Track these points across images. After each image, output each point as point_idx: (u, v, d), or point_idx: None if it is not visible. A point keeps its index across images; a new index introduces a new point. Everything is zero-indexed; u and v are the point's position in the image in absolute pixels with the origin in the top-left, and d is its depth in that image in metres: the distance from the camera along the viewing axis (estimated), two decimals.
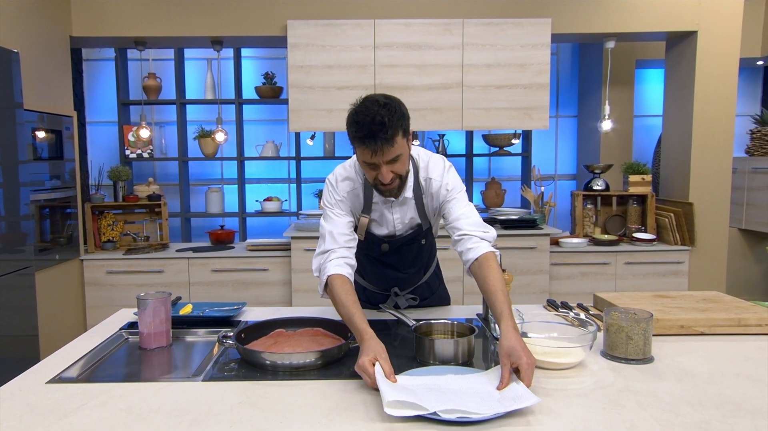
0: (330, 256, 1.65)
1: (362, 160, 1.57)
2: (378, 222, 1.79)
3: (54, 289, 3.39)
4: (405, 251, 1.86)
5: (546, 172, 5.28)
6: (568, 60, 5.36)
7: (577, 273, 3.97)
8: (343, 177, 1.76)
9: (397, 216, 1.78)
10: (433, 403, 1.18)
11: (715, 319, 1.71)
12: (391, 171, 1.56)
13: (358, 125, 1.50)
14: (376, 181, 1.61)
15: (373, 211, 1.76)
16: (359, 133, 1.50)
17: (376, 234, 1.81)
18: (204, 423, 1.17)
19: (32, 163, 3.20)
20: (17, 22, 3.11)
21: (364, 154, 1.53)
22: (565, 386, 1.35)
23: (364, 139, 1.49)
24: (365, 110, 1.50)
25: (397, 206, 1.77)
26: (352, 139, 1.55)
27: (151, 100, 4.48)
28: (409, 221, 1.80)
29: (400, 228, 1.81)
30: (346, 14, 3.75)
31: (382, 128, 1.47)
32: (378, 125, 1.47)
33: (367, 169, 1.59)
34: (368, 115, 1.48)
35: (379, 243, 1.82)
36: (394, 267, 1.92)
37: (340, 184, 1.74)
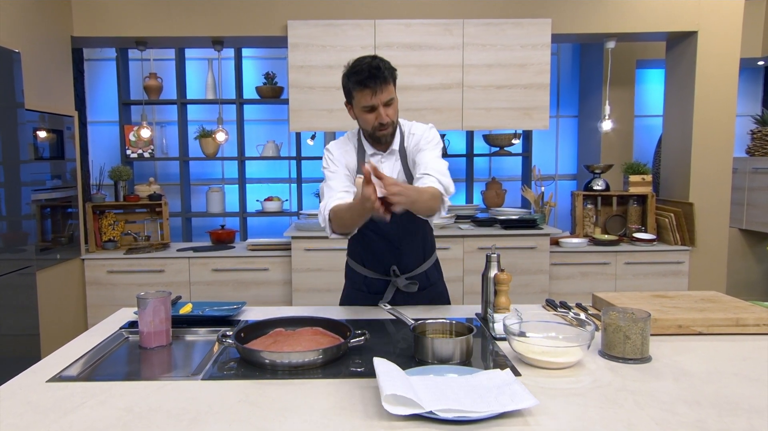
0: (327, 203, 1.85)
1: (362, 105, 1.81)
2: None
3: (55, 289, 3.40)
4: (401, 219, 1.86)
5: (547, 172, 5.29)
6: (569, 60, 5.37)
7: (577, 273, 3.97)
8: (336, 145, 1.98)
9: (386, 171, 1.91)
10: (431, 402, 1.19)
11: (713, 319, 1.71)
12: (387, 114, 1.81)
13: (358, 71, 1.75)
14: (374, 127, 1.84)
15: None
16: (360, 76, 1.75)
17: None
18: (203, 422, 1.18)
19: (33, 163, 3.21)
20: (18, 22, 3.12)
21: (365, 96, 1.78)
22: (563, 385, 1.36)
23: (365, 80, 1.75)
24: (362, 60, 1.79)
25: (384, 161, 1.95)
26: (354, 85, 1.78)
27: (152, 100, 4.49)
28: (399, 176, 1.94)
29: None
30: (346, 14, 3.76)
31: (379, 71, 1.75)
32: (376, 68, 1.75)
33: (365, 114, 1.83)
34: (366, 62, 1.77)
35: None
36: (390, 241, 1.98)
37: (334, 150, 1.96)
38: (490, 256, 1.86)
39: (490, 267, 1.87)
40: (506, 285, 1.80)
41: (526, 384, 1.35)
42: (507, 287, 1.80)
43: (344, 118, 3.78)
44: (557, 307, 2.00)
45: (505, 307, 1.81)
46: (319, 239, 3.70)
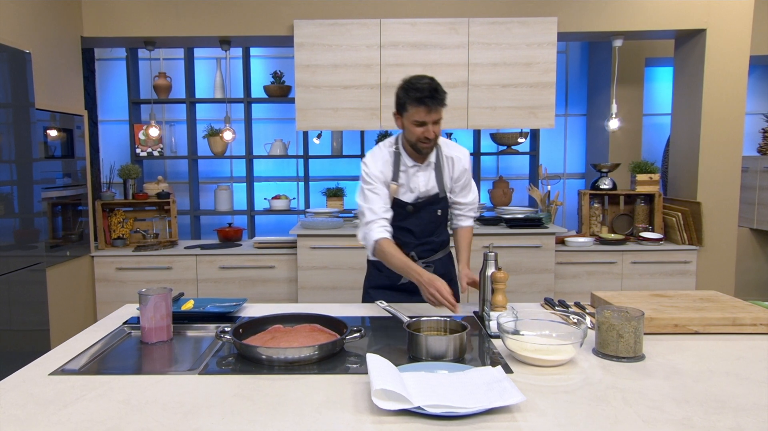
0: (372, 226, 2.05)
1: (414, 119, 1.97)
2: (405, 188, 2.15)
3: (65, 285, 3.46)
4: (424, 215, 2.18)
5: (555, 171, 5.28)
6: (578, 58, 5.35)
7: (583, 272, 3.96)
8: (377, 157, 2.13)
9: (421, 180, 2.14)
10: (420, 398, 1.21)
11: (710, 318, 1.72)
12: (434, 132, 2.00)
13: (419, 89, 1.92)
14: (419, 139, 2.01)
15: (401, 178, 2.13)
16: (421, 94, 1.92)
17: (403, 200, 2.15)
18: (197, 415, 1.21)
19: (44, 162, 3.27)
20: (29, 23, 3.18)
21: (420, 113, 1.95)
22: (554, 383, 1.37)
23: (424, 99, 1.92)
24: (421, 79, 1.95)
25: (420, 172, 2.14)
26: (412, 101, 1.94)
27: (162, 99, 4.54)
28: (430, 187, 2.16)
29: (423, 191, 2.16)
30: (352, 14, 3.78)
31: (437, 92, 1.93)
32: (435, 90, 1.93)
33: (414, 127, 1.99)
34: (426, 82, 1.94)
35: (404, 206, 2.16)
36: (413, 234, 2.19)
37: (375, 162, 2.11)
38: (487, 255, 1.88)
39: (487, 266, 1.89)
40: (503, 283, 1.81)
41: (518, 381, 1.37)
42: (504, 285, 1.81)
43: (350, 117, 3.81)
44: (555, 306, 2.01)
45: (502, 305, 1.82)
46: (325, 237, 3.73)
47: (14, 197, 3.00)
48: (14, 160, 2.99)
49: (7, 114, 2.93)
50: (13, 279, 2.91)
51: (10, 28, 3.00)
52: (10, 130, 2.94)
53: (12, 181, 2.97)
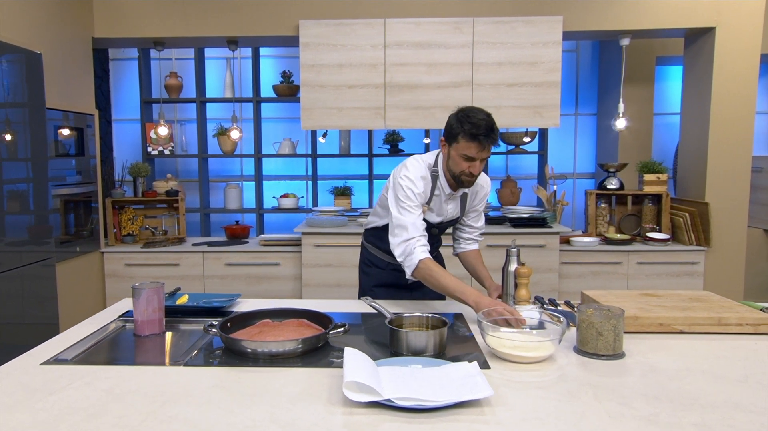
0: (414, 244, 1.94)
1: (464, 153, 1.90)
2: (434, 212, 2.13)
3: (74, 280, 3.55)
4: (438, 236, 2.26)
5: (565, 171, 5.25)
6: (588, 57, 5.31)
7: (588, 272, 3.95)
8: (420, 175, 2.03)
9: (450, 207, 2.15)
10: (391, 390, 1.24)
11: (695, 318, 1.71)
12: (479, 167, 1.94)
13: (476, 125, 1.84)
14: (464, 173, 1.96)
15: (433, 202, 2.11)
16: (477, 131, 1.84)
17: (430, 221, 2.13)
18: (175, 404, 1.25)
19: (55, 159, 3.36)
20: (41, 24, 3.27)
21: (471, 148, 1.88)
22: (529, 379, 1.38)
23: (479, 136, 1.85)
24: (478, 114, 1.87)
25: (451, 200, 2.13)
26: (466, 135, 1.87)
27: (173, 99, 4.63)
28: (454, 212, 2.18)
29: (449, 217, 2.18)
30: (356, 14, 3.81)
31: (493, 132, 1.87)
32: (491, 129, 1.86)
33: (461, 161, 1.93)
34: (483, 118, 1.86)
35: (429, 228, 2.12)
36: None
37: (419, 181, 2.02)
38: (510, 250, 1.95)
39: (510, 262, 1.94)
40: (527, 278, 1.86)
41: (493, 376, 1.39)
42: (527, 280, 1.86)
43: (354, 117, 3.84)
44: (544, 304, 2.02)
45: (526, 299, 1.86)
46: (329, 235, 3.77)
47: (26, 194, 3.09)
48: (26, 158, 3.08)
49: (20, 113, 3.02)
50: (24, 273, 3.01)
51: (22, 30, 3.10)
52: (22, 129, 3.03)
53: (24, 178, 3.06)
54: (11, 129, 2.95)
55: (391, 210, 2.01)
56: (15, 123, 2.99)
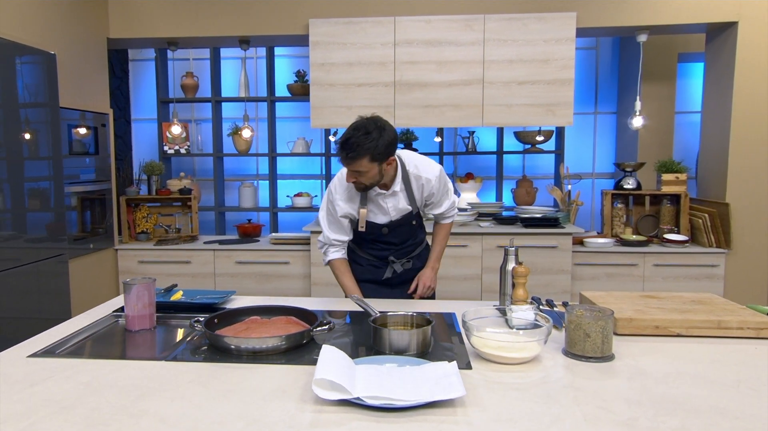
0: (328, 248, 2.25)
1: None
2: (375, 212, 2.18)
3: (88, 276, 3.61)
4: (400, 231, 2.26)
5: (584, 171, 5.16)
6: (608, 54, 5.20)
7: (602, 274, 3.86)
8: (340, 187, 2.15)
9: (390, 205, 2.17)
10: (363, 389, 1.22)
11: (693, 321, 1.65)
12: (354, 177, 2.00)
13: (339, 139, 1.96)
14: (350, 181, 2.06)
15: (370, 203, 2.16)
16: (337, 144, 1.98)
17: (376, 222, 2.20)
18: (148, 398, 1.25)
19: (70, 158, 3.44)
20: (55, 25, 3.35)
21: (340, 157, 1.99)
22: (510, 380, 1.35)
23: (338, 150, 1.97)
24: (349, 131, 1.95)
25: (388, 197, 2.16)
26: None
27: (188, 98, 4.69)
28: (402, 208, 2.19)
29: (394, 214, 2.19)
30: (366, 12, 3.80)
31: (343, 150, 1.93)
32: (348, 146, 1.91)
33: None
34: (346, 135, 1.94)
35: (379, 228, 2.21)
36: (393, 244, 2.28)
37: (343, 194, 2.14)
38: (507, 250, 1.92)
39: (508, 261, 1.91)
40: (524, 278, 1.82)
41: (473, 377, 1.36)
42: (525, 280, 1.82)
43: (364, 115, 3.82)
44: (540, 305, 1.97)
45: (523, 300, 1.82)
46: None
47: (41, 192, 3.16)
48: (41, 156, 3.15)
49: (35, 113, 3.10)
50: (39, 269, 3.08)
51: (37, 31, 3.17)
52: (37, 129, 3.10)
53: (39, 176, 3.13)
54: (26, 128, 3.02)
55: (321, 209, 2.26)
56: (30, 122, 3.06)
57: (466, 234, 3.75)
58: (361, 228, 2.16)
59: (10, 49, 2.92)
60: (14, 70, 2.94)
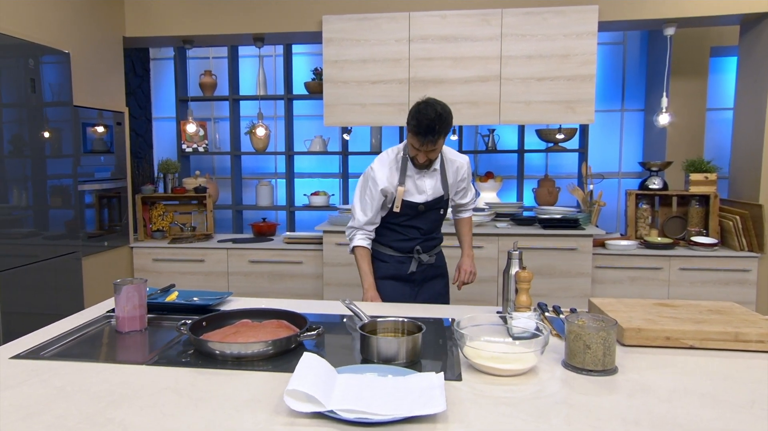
0: (355, 232, 2.34)
1: (410, 143, 2.18)
2: (413, 191, 2.31)
3: (102, 274, 3.63)
4: (430, 216, 2.37)
5: (610, 170, 4.99)
6: (636, 49, 5.01)
7: (625, 278, 3.71)
8: (383, 162, 2.30)
9: (428, 184, 2.32)
10: (338, 401, 1.15)
11: (708, 332, 1.53)
12: (426, 156, 2.19)
13: (418, 123, 2.07)
14: (412, 159, 2.23)
15: (407, 183, 2.29)
16: (417, 129, 2.08)
17: (414, 201, 2.32)
18: (118, 405, 1.21)
19: (85, 156, 3.46)
20: (70, 24, 3.37)
21: (415, 142, 2.14)
22: (500, 393, 1.26)
23: (418, 134, 2.09)
24: (426, 113, 2.06)
25: (426, 177, 2.32)
26: (410, 129, 2.12)
27: (206, 97, 4.69)
28: (437, 190, 2.34)
29: (431, 194, 2.33)
30: (380, 8, 3.73)
31: (432, 132, 2.07)
32: (431, 130, 2.07)
33: (412, 148, 2.19)
34: (429, 119, 2.05)
35: (416, 206, 2.32)
36: (420, 230, 2.37)
37: (382, 169, 2.28)
38: (511, 253, 1.83)
39: (511, 265, 1.83)
40: (527, 283, 1.73)
41: (462, 390, 1.28)
42: (528, 285, 1.73)
43: (377, 113, 3.76)
44: (546, 311, 1.87)
45: (526, 306, 1.74)
46: None
47: (56, 190, 3.19)
48: (56, 155, 3.18)
49: (50, 112, 3.12)
50: (53, 266, 3.11)
51: (51, 30, 3.19)
52: (52, 127, 3.13)
53: (53, 175, 3.16)
54: (39, 127, 3.05)
55: (354, 195, 2.36)
56: (45, 121, 3.09)
57: (483, 235, 3.65)
58: (396, 208, 2.28)
59: (26, 48, 2.94)
60: (29, 69, 2.96)
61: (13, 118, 2.91)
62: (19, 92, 2.92)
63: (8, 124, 2.87)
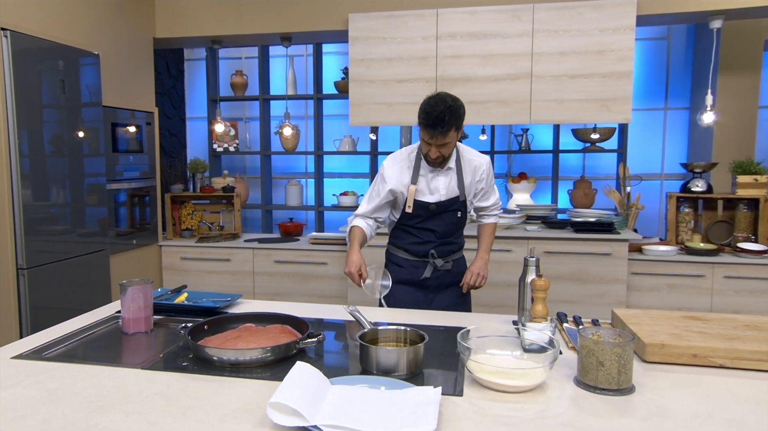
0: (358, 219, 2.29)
1: (422, 137, 2.11)
2: (424, 191, 2.22)
3: (130, 272, 3.68)
4: (446, 217, 2.26)
5: (652, 171, 4.77)
6: (682, 44, 4.77)
7: (664, 285, 3.52)
8: (395, 160, 2.26)
9: (442, 184, 2.22)
10: (324, 416, 1.09)
11: (740, 351, 1.40)
12: (438, 151, 2.10)
13: (427, 115, 2.03)
14: (425, 154, 2.16)
15: (420, 181, 2.22)
16: (426, 121, 2.04)
17: (425, 200, 2.23)
18: (106, 410, 1.18)
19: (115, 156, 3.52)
20: (101, 26, 3.42)
21: (425, 135, 2.08)
22: (502, 412, 1.18)
23: (428, 127, 2.04)
24: (435, 105, 2.02)
25: (441, 176, 2.23)
26: (420, 122, 2.07)
27: (236, 96, 4.72)
28: (452, 190, 2.24)
29: (444, 193, 2.23)
30: (407, 5, 3.65)
31: (442, 123, 2.01)
32: (440, 120, 2.01)
33: (424, 143, 2.13)
34: (439, 110, 2.01)
35: (427, 206, 2.23)
36: (435, 233, 2.26)
37: (393, 167, 2.24)
38: (527, 260, 1.74)
39: (527, 272, 1.74)
40: (543, 292, 1.64)
41: (461, 406, 1.20)
42: (544, 294, 1.65)
43: (403, 112, 3.69)
44: (565, 322, 1.77)
45: (542, 316, 1.65)
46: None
47: (85, 189, 3.25)
48: (86, 154, 3.24)
49: (79, 112, 3.18)
50: (82, 263, 3.17)
51: (81, 32, 3.25)
52: (81, 127, 3.19)
53: (83, 174, 3.22)
54: (72, 127, 3.11)
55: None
56: (75, 121, 3.15)
57: (511, 238, 3.53)
58: (408, 207, 2.20)
59: (57, 50, 3.01)
60: (60, 70, 3.02)
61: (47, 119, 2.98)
62: (51, 93, 2.98)
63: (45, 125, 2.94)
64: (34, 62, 2.88)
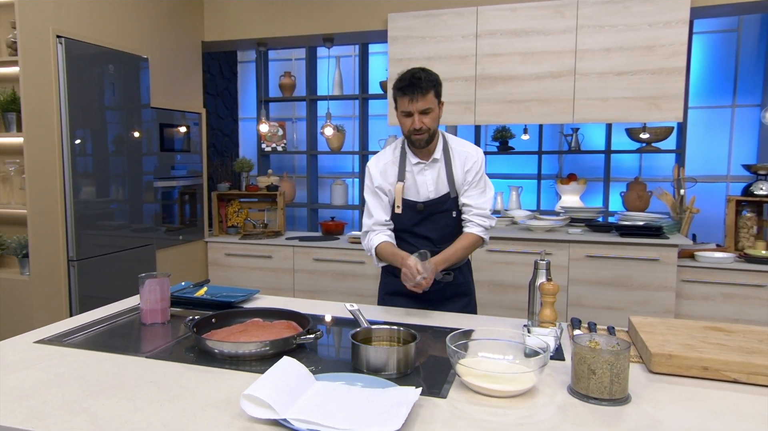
0: (371, 236, 2.08)
1: (401, 110, 1.95)
2: (412, 189, 2.05)
3: (176, 267, 3.84)
4: (439, 219, 2.07)
5: (716, 173, 4.49)
6: (754, 36, 4.46)
7: (718, 294, 3.31)
8: (379, 160, 2.09)
9: (429, 178, 2.04)
10: (297, 410, 1.11)
11: (757, 365, 1.30)
12: (421, 121, 1.92)
13: (400, 78, 1.92)
14: (410, 131, 1.96)
15: (407, 178, 2.05)
16: (401, 84, 1.91)
17: (412, 199, 2.06)
18: (101, 394, 1.24)
19: (163, 155, 3.69)
20: (151, 31, 3.60)
21: (403, 102, 1.92)
22: (483, 417, 1.15)
23: (404, 88, 1.89)
24: (407, 71, 1.93)
25: (427, 170, 2.04)
26: (395, 92, 1.93)
27: (283, 97, 4.83)
28: (440, 185, 2.05)
29: (432, 190, 2.05)
30: (447, 3, 3.62)
31: (419, 81, 1.88)
32: (416, 79, 1.88)
33: (403, 119, 1.96)
34: (409, 72, 1.92)
35: (414, 206, 2.05)
36: (432, 241, 2.07)
37: (377, 166, 2.08)
38: (538, 263, 1.70)
39: (537, 275, 1.70)
40: (552, 296, 1.61)
41: (442, 409, 1.18)
42: (553, 299, 1.61)
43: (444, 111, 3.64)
44: (577, 327, 1.70)
45: (550, 321, 1.62)
46: None
47: (135, 187, 3.43)
48: (135, 153, 3.42)
49: (129, 113, 3.36)
50: (128, 256, 3.35)
51: (131, 37, 3.43)
52: (131, 128, 3.37)
53: (132, 172, 3.40)
54: (119, 128, 3.29)
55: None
56: (126, 122, 3.33)
57: (551, 241, 3.42)
58: (398, 208, 2.04)
59: (107, 55, 3.19)
60: (110, 74, 3.20)
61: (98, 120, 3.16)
62: (102, 96, 3.17)
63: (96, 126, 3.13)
64: (87, 67, 3.07)
